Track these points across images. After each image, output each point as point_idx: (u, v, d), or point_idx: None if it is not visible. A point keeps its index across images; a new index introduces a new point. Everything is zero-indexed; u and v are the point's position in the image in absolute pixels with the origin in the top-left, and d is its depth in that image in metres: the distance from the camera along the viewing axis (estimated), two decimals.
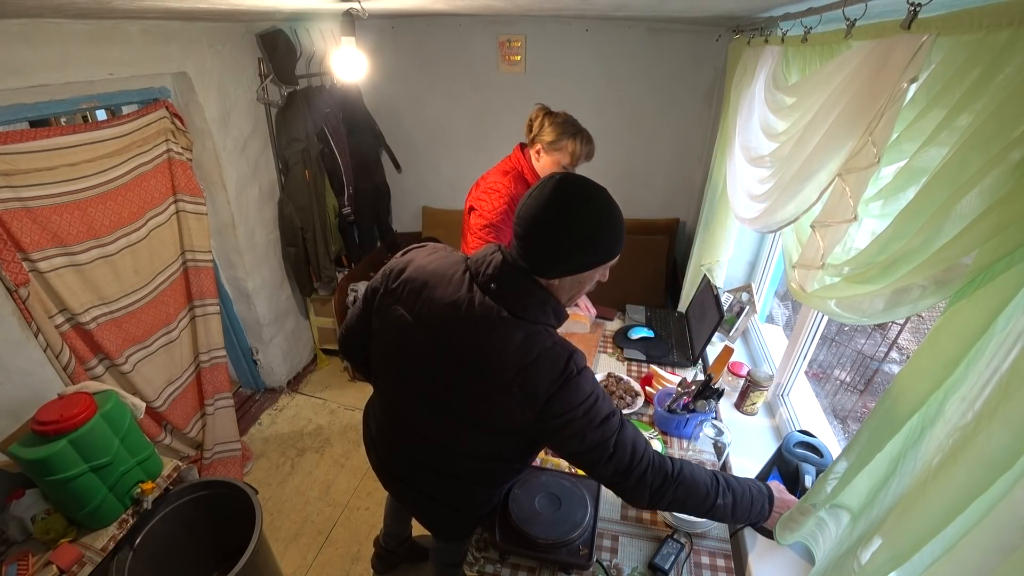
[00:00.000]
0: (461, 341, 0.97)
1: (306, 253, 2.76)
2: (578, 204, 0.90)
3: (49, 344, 1.60)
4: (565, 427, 0.93)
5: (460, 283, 1.00)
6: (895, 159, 0.84)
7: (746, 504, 1.11)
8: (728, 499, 1.07)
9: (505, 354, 0.93)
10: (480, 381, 0.96)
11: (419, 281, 1.04)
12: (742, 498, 1.10)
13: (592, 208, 0.91)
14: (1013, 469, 0.56)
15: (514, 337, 0.93)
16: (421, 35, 2.88)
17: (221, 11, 1.72)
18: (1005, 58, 0.61)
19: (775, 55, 1.47)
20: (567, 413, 0.92)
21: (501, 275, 0.96)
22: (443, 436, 1.10)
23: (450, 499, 1.19)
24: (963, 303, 0.67)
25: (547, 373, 0.92)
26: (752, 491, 1.13)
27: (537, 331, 0.95)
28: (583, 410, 0.93)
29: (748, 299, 2.09)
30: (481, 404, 0.99)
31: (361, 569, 2.06)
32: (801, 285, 1.05)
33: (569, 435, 0.94)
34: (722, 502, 1.06)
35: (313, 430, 2.74)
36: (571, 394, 0.92)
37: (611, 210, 0.93)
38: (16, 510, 1.36)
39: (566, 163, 1.71)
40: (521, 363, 0.92)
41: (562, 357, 0.93)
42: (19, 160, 1.49)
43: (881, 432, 0.83)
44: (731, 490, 1.09)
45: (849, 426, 2.73)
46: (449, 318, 0.99)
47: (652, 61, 2.67)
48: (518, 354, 0.92)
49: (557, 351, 0.94)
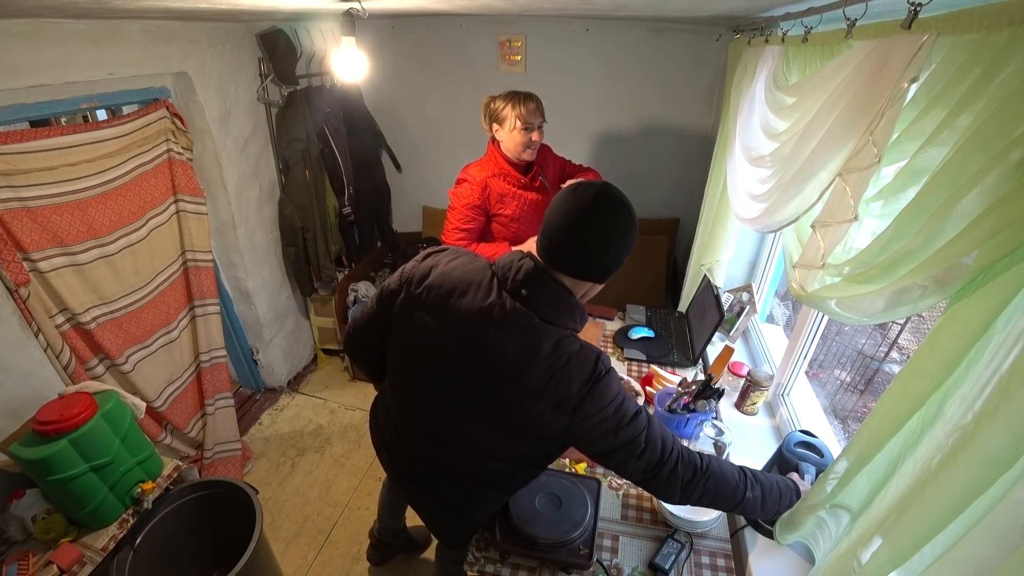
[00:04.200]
0: (493, 347, 0.98)
1: (306, 253, 2.76)
2: (619, 209, 0.95)
3: (49, 344, 1.60)
4: (598, 426, 0.95)
5: (489, 289, 1.00)
6: (896, 159, 0.84)
7: (775, 497, 1.11)
8: (757, 492, 1.07)
9: (538, 360, 0.94)
10: (513, 387, 0.97)
11: (445, 288, 1.04)
12: (770, 491, 1.10)
13: (629, 213, 0.96)
14: (1013, 469, 0.56)
15: (545, 342, 0.95)
16: (421, 35, 2.88)
17: (221, 11, 1.72)
18: (1005, 58, 0.61)
19: (775, 55, 1.47)
20: (599, 412, 0.94)
21: (532, 281, 0.97)
22: (467, 439, 1.10)
23: (460, 505, 1.19)
24: (963, 303, 0.67)
25: (578, 376, 0.94)
26: (780, 485, 1.13)
27: (565, 336, 0.97)
28: (613, 408, 0.95)
29: (748, 299, 2.09)
30: (514, 409, 0.99)
31: (361, 569, 2.06)
32: (802, 285, 1.05)
33: (602, 433, 0.96)
34: (751, 495, 1.06)
35: (313, 430, 2.74)
36: (601, 394, 0.94)
37: (634, 220, 0.97)
38: (16, 510, 1.36)
39: (518, 126, 1.74)
40: (554, 368, 0.94)
41: (591, 359, 0.95)
42: (19, 160, 1.49)
43: (881, 432, 0.83)
44: (759, 483, 1.09)
45: (849, 426, 2.73)
46: (480, 324, 0.99)
47: (652, 61, 2.67)
48: (550, 359, 0.94)
49: (586, 354, 0.96)
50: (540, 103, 1.78)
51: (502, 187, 1.83)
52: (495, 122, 1.78)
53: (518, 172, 1.84)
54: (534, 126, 1.76)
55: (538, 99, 1.77)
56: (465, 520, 1.22)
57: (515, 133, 1.75)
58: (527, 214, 1.90)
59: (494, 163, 1.83)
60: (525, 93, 1.75)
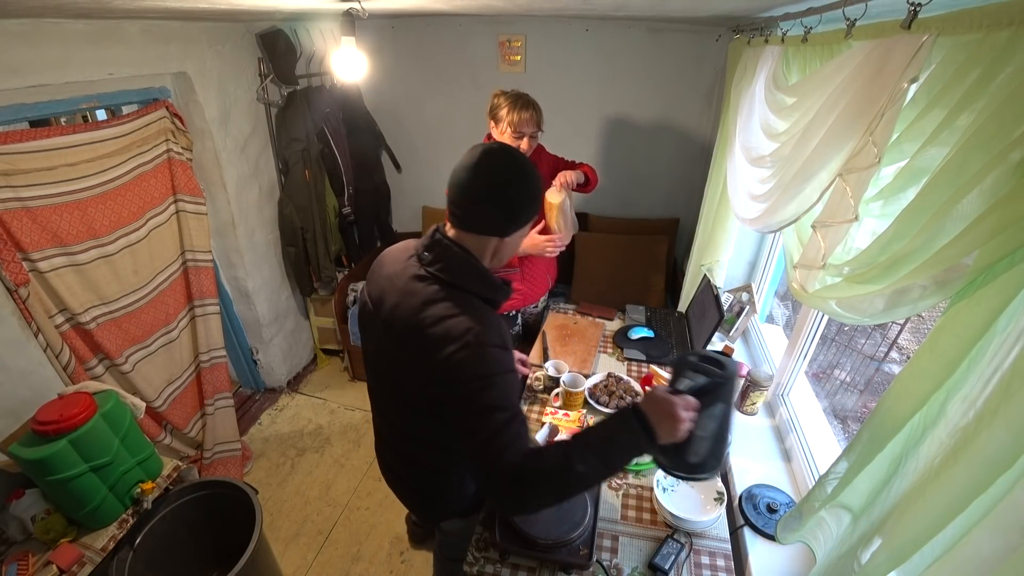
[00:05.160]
0: (395, 313, 0.99)
1: (306, 253, 2.76)
2: (497, 159, 0.97)
3: (49, 344, 1.60)
4: (453, 400, 0.93)
5: (405, 260, 1.04)
6: (896, 159, 0.84)
7: (617, 444, 0.93)
8: (590, 459, 0.90)
9: (417, 319, 0.94)
10: (404, 353, 0.99)
11: (375, 266, 1.12)
12: (606, 444, 0.92)
13: (509, 164, 0.97)
14: (1013, 469, 0.56)
15: (428, 304, 0.94)
16: (421, 35, 2.88)
17: (221, 11, 1.72)
18: (1005, 58, 0.61)
19: (775, 55, 1.47)
20: (455, 383, 0.91)
21: (432, 242, 1.00)
22: (400, 420, 1.15)
23: (415, 481, 1.25)
24: (964, 303, 0.67)
25: (448, 339, 0.91)
26: (611, 427, 0.95)
27: (457, 296, 0.95)
28: (473, 388, 0.90)
29: (748, 299, 2.10)
30: (406, 377, 1.01)
31: (361, 569, 2.06)
32: (802, 285, 1.05)
33: (455, 409, 0.94)
34: (583, 468, 0.90)
35: (313, 430, 2.74)
36: (463, 366, 0.90)
37: (526, 170, 0.98)
38: (16, 510, 1.36)
39: (511, 133, 1.72)
40: (432, 326, 0.92)
41: (461, 327, 0.91)
42: (19, 160, 1.49)
43: (882, 432, 0.83)
44: (587, 446, 0.92)
45: (849, 426, 2.73)
46: (390, 292, 1.02)
47: (652, 61, 2.67)
48: (431, 318, 0.93)
49: (461, 321, 0.92)
50: (539, 113, 1.75)
51: None
52: (492, 118, 1.77)
53: None
54: (524, 135, 1.74)
55: (537, 109, 1.74)
56: (434, 500, 1.26)
57: (504, 136, 1.75)
58: None
59: None
60: (526, 100, 1.72)
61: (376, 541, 2.16)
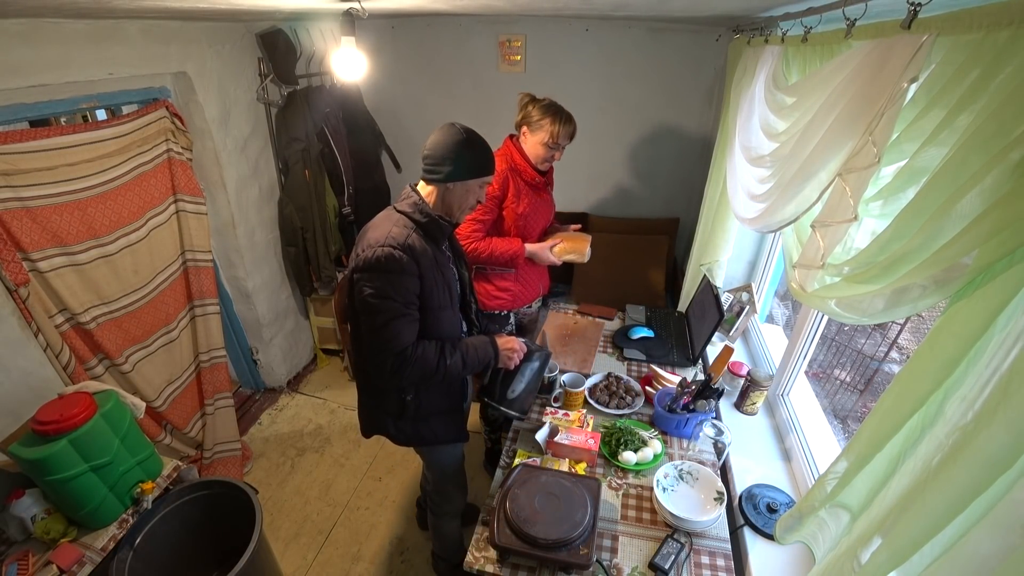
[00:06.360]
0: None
1: (306, 253, 2.76)
2: (455, 130, 1.29)
3: (49, 344, 1.60)
4: (358, 290, 1.24)
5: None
6: (895, 159, 0.84)
7: (473, 355, 1.38)
8: (456, 358, 1.34)
9: (366, 227, 1.33)
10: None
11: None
12: (468, 352, 1.38)
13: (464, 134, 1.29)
14: (1013, 469, 0.56)
15: (381, 217, 1.33)
16: (421, 35, 2.88)
17: (221, 11, 1.72)
18: (1005, 58, 0.61)
19: (775, 55, 1.47)
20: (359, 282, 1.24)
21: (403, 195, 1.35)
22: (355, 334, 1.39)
23: (361, 394, 1.54)
24: (963, 303, 0.67)
25: (368, 244, 1.24)
26: (476, 342, 1.41)
27: (396, 217, 1.30)
28: (362, 280, 1.23)
29: (748, 299, 2.10)
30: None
31: (361, 569, 2.06)
32: (802, 285, 1.05)
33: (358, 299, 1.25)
34: (451, 361, 1.33)
35: (313, 430, 2.74)
36: (369, 263, 1.22)
37: (477, 138, 1.32)
38: (16, 510, 1.36)
39: (547, 141, 1.77)
40: (367, 232, 1.29)
41: (384, 232, 1.24)
42: (19, 160, 1.49)
43: (881, 432, 0.83)
44: (457, 350, 1.36)
45: (849, 426, 2.73)
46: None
47: (652, 61, 2.67)
48: (370, 227, 1.31)
49: (382, 234, 1.24)
50: (576, 130, 1.82)
51: (519, 183, 1.84)
52: (526, 125, 1.80)
53: (534, 171, 1.85)
54: (561, 147, 1.80)
55: (576, 125, 1.81)
56: (365, 407, 1.54)
57: (541, 147, 1.79)
58: (538, 211, 1.91)
59: (510, 158, 1.84)
60: (568, 114, 1.78)
61: (376, 541, 2.16)
